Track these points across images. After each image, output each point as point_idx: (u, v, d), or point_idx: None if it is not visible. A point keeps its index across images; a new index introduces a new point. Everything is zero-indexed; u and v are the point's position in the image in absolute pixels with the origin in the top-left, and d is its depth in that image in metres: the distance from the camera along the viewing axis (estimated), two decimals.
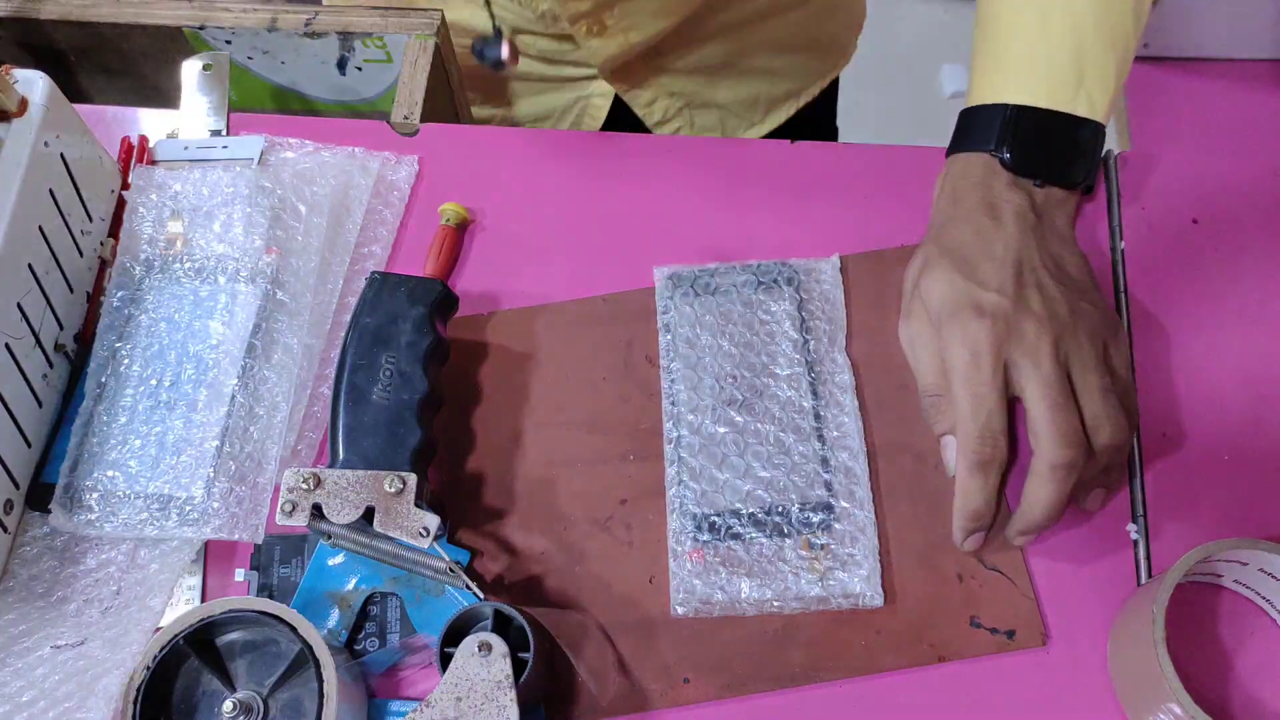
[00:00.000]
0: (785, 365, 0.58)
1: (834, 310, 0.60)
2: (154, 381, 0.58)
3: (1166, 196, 0.63)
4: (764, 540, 0.54)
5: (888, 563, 0.54)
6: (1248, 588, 0.52)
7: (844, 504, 0.55)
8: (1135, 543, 0.55)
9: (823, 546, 0.54)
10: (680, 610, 0.53)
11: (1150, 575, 0.54)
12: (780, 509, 0.55)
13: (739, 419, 0.57)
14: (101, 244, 0.63)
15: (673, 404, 0.58)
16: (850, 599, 0.52)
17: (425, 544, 0.49)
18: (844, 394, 0.57)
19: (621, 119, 0.83)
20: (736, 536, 0.54)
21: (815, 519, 0.54)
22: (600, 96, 0.82)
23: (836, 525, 0.54)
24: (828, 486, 0.55)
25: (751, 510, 0.55)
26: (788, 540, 0.54)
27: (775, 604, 0.52)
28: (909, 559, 0.54)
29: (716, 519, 0.55)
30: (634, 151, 0.67)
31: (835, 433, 0.57)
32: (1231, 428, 0.57)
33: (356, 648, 0.53)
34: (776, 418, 0.57)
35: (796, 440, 0.56)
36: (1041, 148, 0.56)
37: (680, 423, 0.57)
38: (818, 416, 0.57)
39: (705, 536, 0.54)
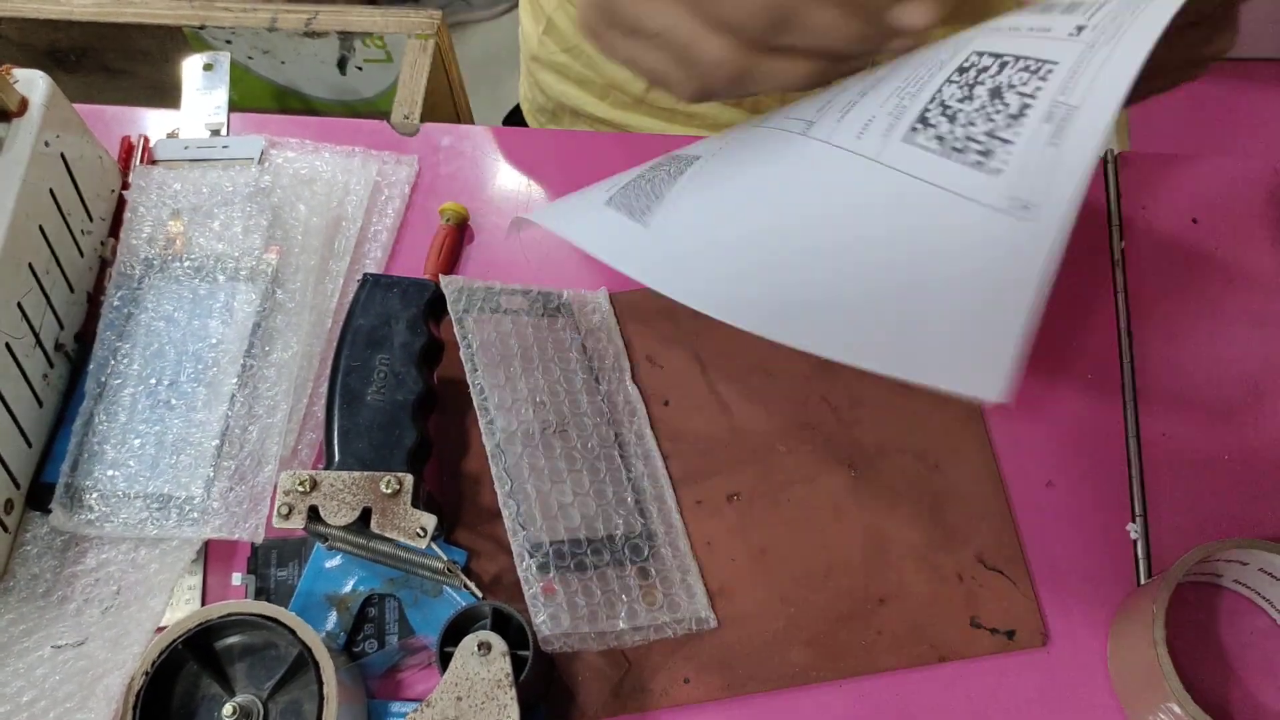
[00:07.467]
0: (586, 395, 0.57)
1: (613, 343, 0.59)
2: (154, 381, 0.58)
3: (1166, 196, 0.63)
4: (608, 570, 0.52)
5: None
6: (1248, 588, 0.52)
7: (661, 532, 0.54)
8: (1135, 543, 0.55)
9: (655, 574, 0.53)
10: (552, 647, 0.50)
11: (1150, 575, 0.54)
12: (609, 538, 0.53)
13: (557, 445, 0.55)
14: (102, 243, 0.63)
15: (490, 423, 0.54)
16: (684, 624, 0.52)
17: (422, 544, 0.49)
18: (643, 425, 0.57)
19: None
20: (582, 567, 0.52)
21: (643, 547, 0.54)
22: None
23: (663, 552, 0.54)
24: (643, 515, 0.54)
25: (589, 538, 0.53)
26: (624, 570, 0.53)
27: (633, 635, 0.51)
28: (909, 559, 0.54)
29: (563, 547, 0.52)
30: (634, 151, 0.67)
31: (642, 466, 0.56)
32: (1231, 428, 0.57)
33: (355, 650, 0.53)
34: (590, 446, 0.56)
35: (609, 470, 0.55)
36: None
37: (506, 445, 0.54)
38: (622, 446, 0.56)
39: (552, 568, 0.51)
